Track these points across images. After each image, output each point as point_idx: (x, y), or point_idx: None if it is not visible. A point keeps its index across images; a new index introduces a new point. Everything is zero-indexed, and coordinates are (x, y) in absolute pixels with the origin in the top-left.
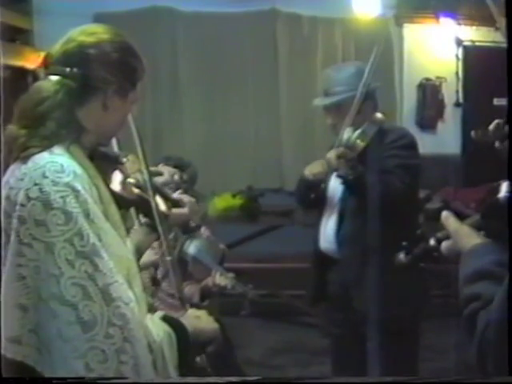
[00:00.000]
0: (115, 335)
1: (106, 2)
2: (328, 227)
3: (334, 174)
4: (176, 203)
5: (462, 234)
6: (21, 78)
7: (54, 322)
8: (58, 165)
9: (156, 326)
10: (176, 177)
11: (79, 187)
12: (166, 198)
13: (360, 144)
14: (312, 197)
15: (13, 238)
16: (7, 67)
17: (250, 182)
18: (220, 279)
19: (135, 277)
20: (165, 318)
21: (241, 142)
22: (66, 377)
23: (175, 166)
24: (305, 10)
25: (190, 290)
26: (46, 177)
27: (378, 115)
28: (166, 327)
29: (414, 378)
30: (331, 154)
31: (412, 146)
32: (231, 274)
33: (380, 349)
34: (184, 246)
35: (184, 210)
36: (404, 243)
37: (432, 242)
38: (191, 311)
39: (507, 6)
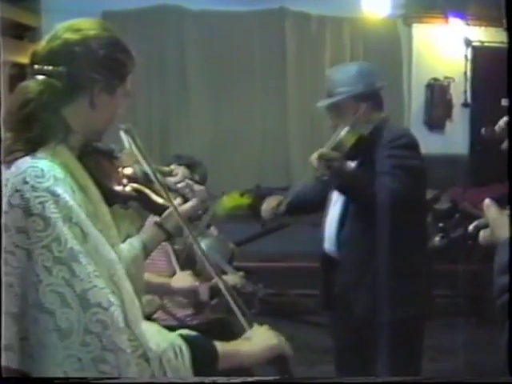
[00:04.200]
0: (91, 343)
1: (114, 0)
2: (330, 229)
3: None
4: (182, 196)
5: (500, 224)
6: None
7: (36, 329)
8: (38, 169)
9: (160, 335)
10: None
11: (59, 191)
12: (168, 189)
13: (348, 141)
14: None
15: None
16: (15, 65)
17: (258, 181)
18: (230, 279)
19: (123, 280)
20: (183, 335)
21: (248, 141)
22: (68, 376)
23: (186, 165)
24: (313, 9)
25: (200, 288)
26: (27, 182)
27: (375, 114)
28: (176, 340)
29: (418, 378)
30: (312, 156)
31: (412, 145)
32: (241, 273)
33: (383, 351)
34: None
35: (192, 203)
36: (441, 225)
37: (471, 228)
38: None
39: (507, 6)
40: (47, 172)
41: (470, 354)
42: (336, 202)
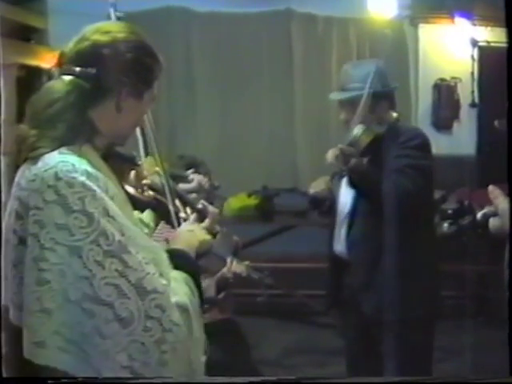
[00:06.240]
0: (153, 327)
1: (120, 2)
2: (340, 230)
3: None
4: (198, 212)
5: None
6: (36, 77)
7: (91, 321)
8: (69, 164)
9: (181, 286)
10: (206, 184)
11: (94, 186)
12: (184, 203)
13: (364, 140)
14: (323, 210)
15: (31, 242)
16: (22, 67)
17: (265, 182)
18: (235, 267)
19: (164, 262)
20: (174, 260)
21: (255, 142)
22: (62, 377)
23: (188, 165)
24: (320, 10)
25: (206, 283)
26: (60, 178)
27: (389, 114)
28: (185, 277)
29: (420, 378)
30: (329, 153)
31: (424, 146)
32: (247, 262)
33: (394, 351)
34: None
35: (205, 225)
36: (450, 211)
37: (479, 216)
38: (184, 226)
39: (507, 6)
40: (78, 167)
41: (477, 355)
42: (345, 204)
